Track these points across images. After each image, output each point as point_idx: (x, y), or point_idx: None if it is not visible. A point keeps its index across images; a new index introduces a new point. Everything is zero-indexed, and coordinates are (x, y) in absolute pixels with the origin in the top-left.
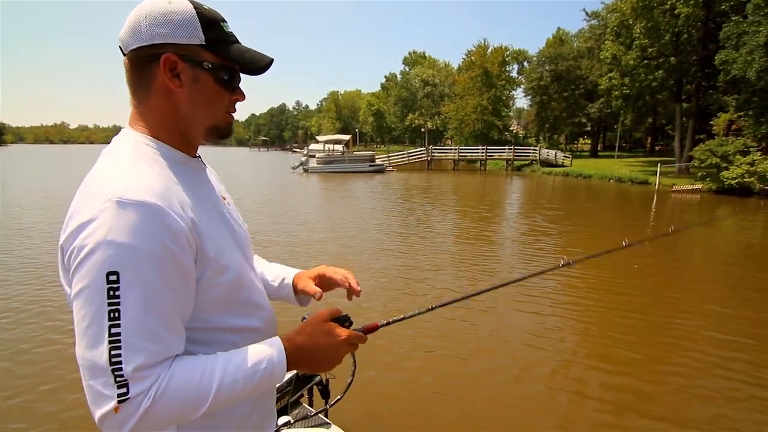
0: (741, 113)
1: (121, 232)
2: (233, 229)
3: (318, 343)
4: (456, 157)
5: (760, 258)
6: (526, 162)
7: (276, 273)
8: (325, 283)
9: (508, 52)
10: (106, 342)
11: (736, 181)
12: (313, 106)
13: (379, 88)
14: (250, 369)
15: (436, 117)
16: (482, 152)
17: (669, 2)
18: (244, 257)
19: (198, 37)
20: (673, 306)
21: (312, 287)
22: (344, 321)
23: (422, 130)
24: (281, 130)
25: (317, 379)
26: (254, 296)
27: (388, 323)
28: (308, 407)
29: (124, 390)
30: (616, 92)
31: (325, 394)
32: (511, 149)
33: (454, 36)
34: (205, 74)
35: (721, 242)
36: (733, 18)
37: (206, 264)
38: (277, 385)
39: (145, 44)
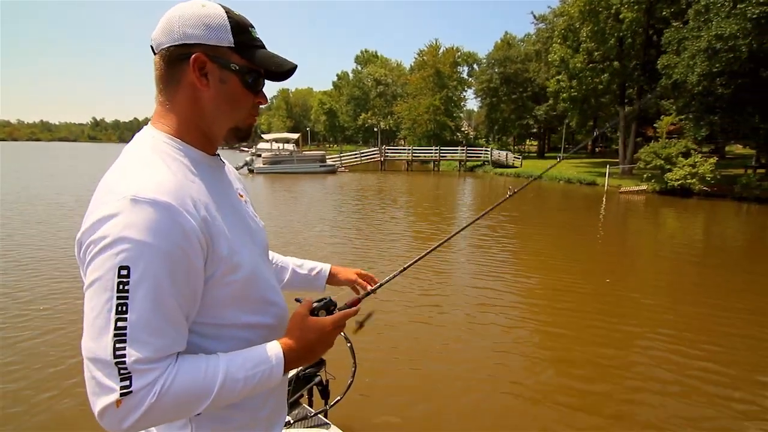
0: (682, 116)
1: (135, 229)
2: (249, 227)
3: (310, 340)
4: (409, 158)
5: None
6: (478, 163)
7: (311, 265)
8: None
9: (459, 54)
10: (111, 334)
11: (679, 182)
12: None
13: (332, 87)
14: (250, 370)
15: (389, 117)
16: (435, 153)
17: (614, 7)
18: (260, 255)
19: (228, 40)
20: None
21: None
22: (329, 306)
23: (375, 129)
24: None
25: (317, 379)
26: (268, 294)
27: (368, 294)
28: (308, 407)
29: (126, 383)
30: (564, 94)
31: (325, 394)
32: (463, 150)
33: (406, 36)
34: (232, 76)
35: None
36: (674, 24)
37: (218, 262)
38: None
39: (176, 43)
